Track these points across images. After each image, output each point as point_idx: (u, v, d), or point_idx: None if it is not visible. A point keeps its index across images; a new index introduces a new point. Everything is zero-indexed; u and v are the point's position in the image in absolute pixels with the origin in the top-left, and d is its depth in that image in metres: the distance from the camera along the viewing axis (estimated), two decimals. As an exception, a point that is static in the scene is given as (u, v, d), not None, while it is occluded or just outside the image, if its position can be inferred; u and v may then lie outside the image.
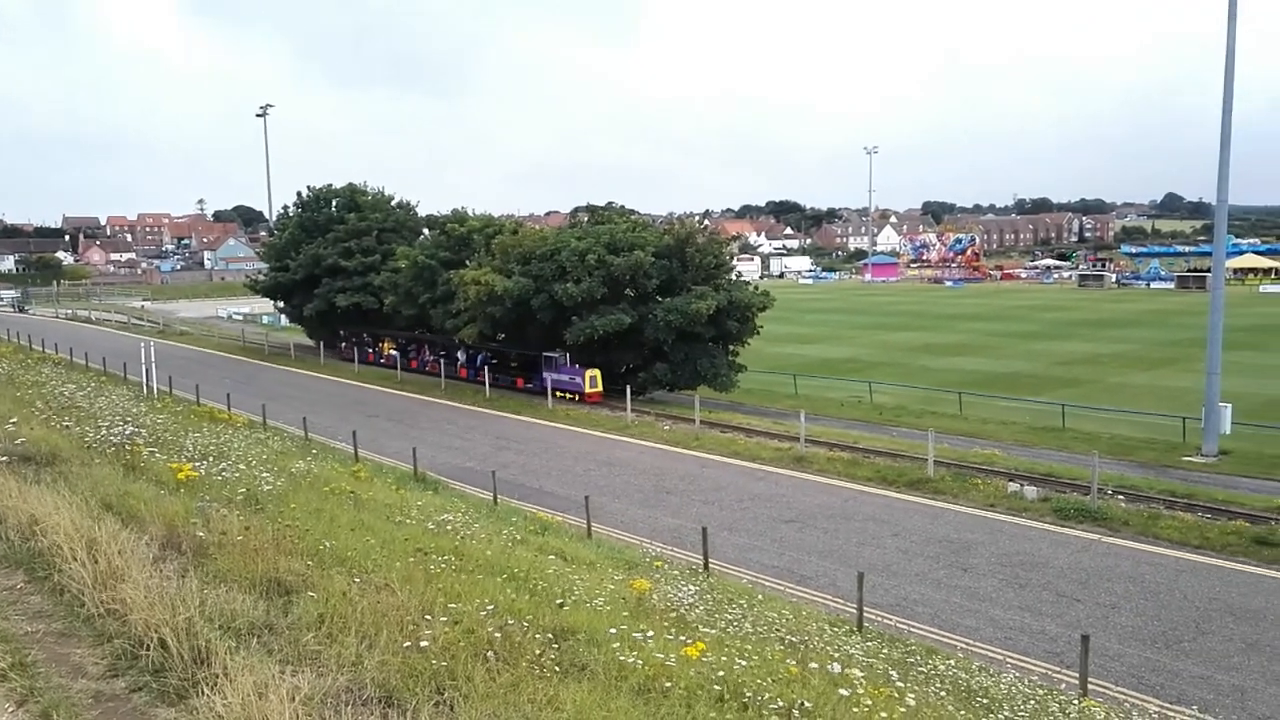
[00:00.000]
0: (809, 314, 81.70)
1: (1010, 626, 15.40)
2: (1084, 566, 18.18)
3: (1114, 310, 78.76)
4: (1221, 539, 19.28)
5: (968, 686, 10.77)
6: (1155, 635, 14.95)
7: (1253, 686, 13.12)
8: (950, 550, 19.22)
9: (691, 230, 41.23)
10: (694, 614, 9.48)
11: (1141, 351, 52.27)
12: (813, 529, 20.94)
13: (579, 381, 38.78)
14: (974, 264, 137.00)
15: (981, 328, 67.16)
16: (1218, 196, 29.14)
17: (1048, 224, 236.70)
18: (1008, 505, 22.31)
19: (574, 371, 39.29)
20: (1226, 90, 27.51)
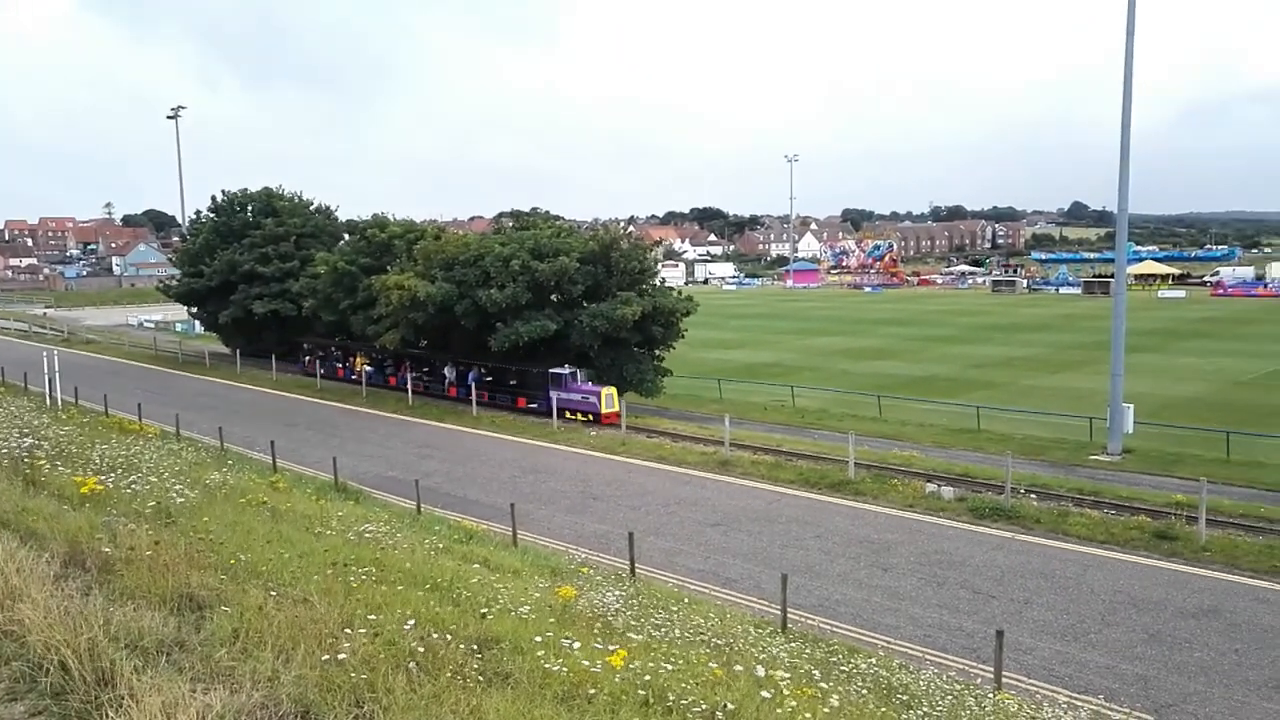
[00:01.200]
0: (733, 319, 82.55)
1: (929, 624, 15.77)
2: (999, 564, 18.73)
3: (1025, 315, 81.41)
4: (1125, 534, 20.08)
5: (888, 684, 10.97)
6: (1065, 628, 15.48)
7: (1154, 675, 13.68)
8: (871, 550, 19.61)
9: (616, 236, 41.29)
10: (620, 620, 9.48)
11: (1051, 355, 54.11)
12: (738, 532, 21.14)
13: (593, 401, 34.48)
14: (892, 270, 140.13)
15: (900, 332, 68.70)
16: (1119, 206, 30.37)
17: (962, 231, 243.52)
18: (926, 505, 22.86)
19: (587, 390, 35.14)
20: (1125, 108, 28.70)
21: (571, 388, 35.20)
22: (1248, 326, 66.83)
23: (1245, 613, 16.00)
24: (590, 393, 34.96)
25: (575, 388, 35.28)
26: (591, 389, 35.19)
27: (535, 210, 49.39)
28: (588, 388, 35.36)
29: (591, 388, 35.37)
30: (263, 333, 52.72)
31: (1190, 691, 13.17)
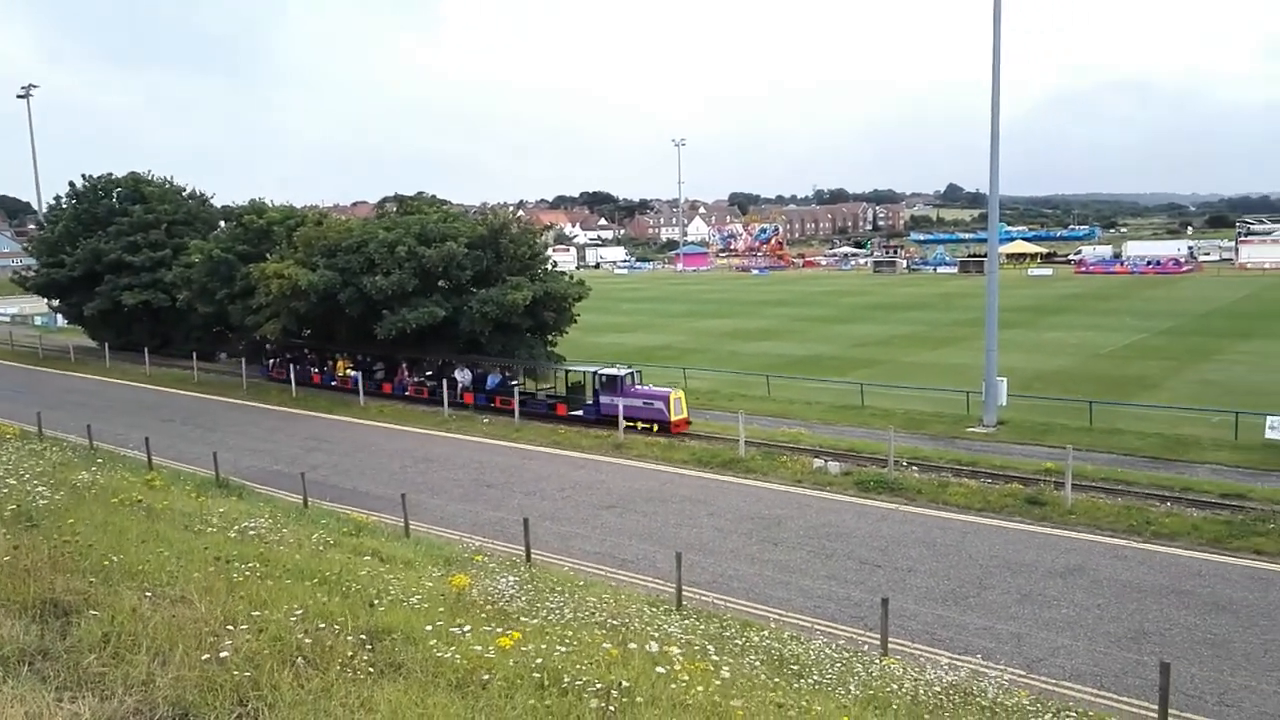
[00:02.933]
0: (625, 303, 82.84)
1: (819, 595, 16.25)
2: (883, 534, 19.43)
3: (905, 294, 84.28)
4: (1000, 501, 21.11)
5: (780, 655, 11.27)
6: (946, 593, 16.19)
7: (1027, 633, 14.45)
8: (762, 526, 20.06)
9: (505, 220, 40.83)
10: (515, 605, 9.44)
11: (929, 332, 56.20)
12: (632, 513, 21.31)
13: (659, 407, 29.87)
14: (779, 253, 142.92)
15: (787, 313, 70.19)
16: (990, 189, 31.73)
17: (845, 214, 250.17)
18: (814, 480, 23.50)
19: (650, 394, 30.65)
20: (994, 100, 29.94)
21: (629, 392, 30.64)
22: (1107, 301, 70.85)
23: (1107, 570, 17.05)
24: (655, 397, 30.41)
25: (634, 391, 30.75)
26: (656, 392, 30.88)
27: (421, 195, 48.11)
28: (651, 391, 31.01)
29: (655, 390, 31.09)
30: (133, 325, 50.12)
31: (1058, 646, 13.97)
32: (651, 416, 29.90)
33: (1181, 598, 15.71)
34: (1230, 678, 12.85)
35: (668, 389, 31.08)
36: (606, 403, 30.74)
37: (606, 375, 31.41)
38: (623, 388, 30.57)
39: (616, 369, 31.71)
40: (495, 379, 35.15)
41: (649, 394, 30.53)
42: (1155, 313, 61.83)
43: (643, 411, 30.05)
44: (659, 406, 29.88)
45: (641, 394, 30.55)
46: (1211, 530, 18.71)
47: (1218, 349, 45.40)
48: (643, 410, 30.06)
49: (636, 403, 30.18)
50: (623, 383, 30.75)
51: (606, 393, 30.98)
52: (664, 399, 29.97)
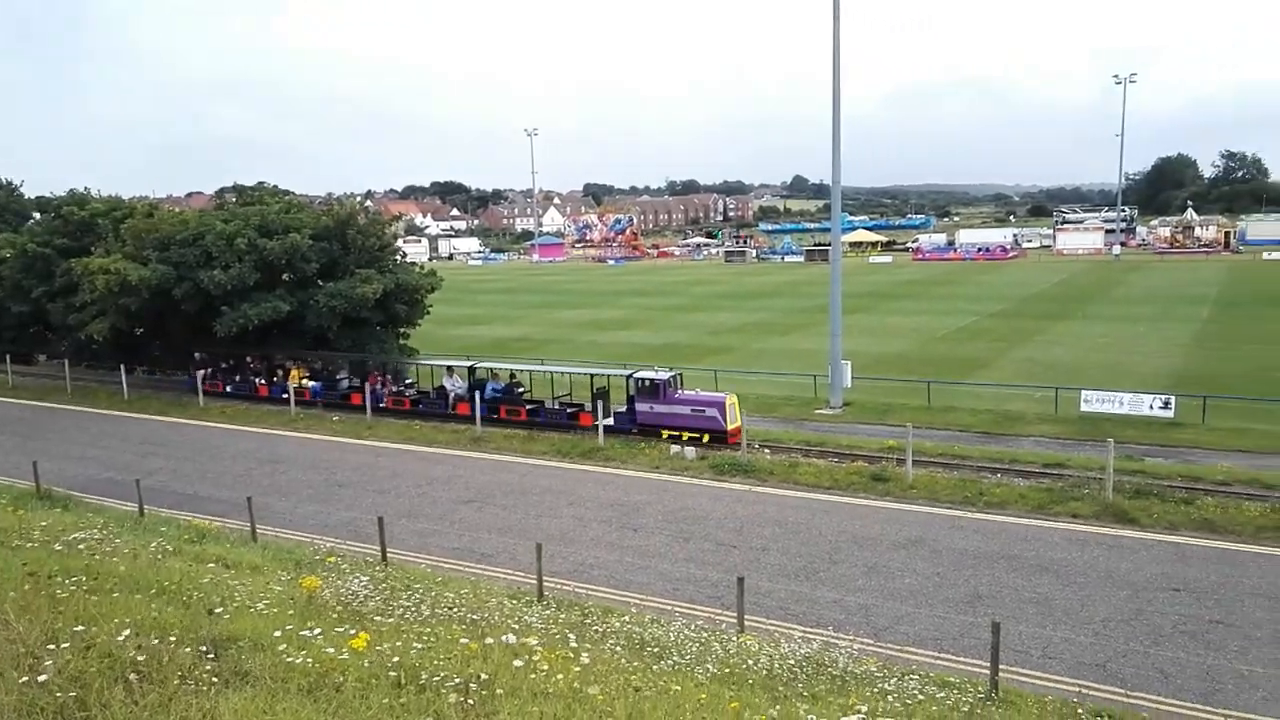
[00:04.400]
0: (480, 295, 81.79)
1: (678, 578, 16.55)
2: (739, 515, 19.96)
3: (755, 283, 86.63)
4: (847, 479, 22.04)
5: (641, 639, 11.43)
6: (798, 570, 16.79)
7: (874, 603, 15.17)
8: (622, 513, 20.26)
9: (352, 211, 39.60)
10: (369, 605, 9.21)
11: (779, 319, 57.99)
12: (492, 506, 21.11)
13: (714, 415, 25.83)
14: (633, 243, 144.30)
15: (642, 303, 70.95)
16: (833, 181, 32.97)
17: (696, 204, 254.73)
18: (671, 466, 23.91)
19: (701, 400, 26.58)
20: (835, 93, 31.12)
21: (673, 398, 26.73)
22: (942, 287, 74.92)
23: (945, 539, 18.09)
24: (707, 403, 26.36)
25: (680, 398, 26.81)
26: (709, 398, 26.82)
27: (262, 185, 45.89)
28: (702, 396, 27.01)
29: (708, 396, 27.12)
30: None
31: (902, 614, 14.73)
32: (703, 426, 25.99)
33: (1011, 562, 16.84)
34: (1053, 632, 13.88)
35: (722, 394, 27.19)
36: (645, 411, 26.83)
37: (645, 379, 27.10)
38: (665, 393, 26.68)
39: (657, 371, 27.73)
40: (497, 387, 30.51)
41: (700, 400, 26.65)
42: (985, 297, 65.81)
43: (691, 420, 26.20)
44: (712, 414, 25.93)
45: (690, 400, 26.68)
46: (1036, 498, 20.12)
47: (1039, 330, 48.76)
48: (691, 419, 26.21)
49: (684, 410, 26.38)
50: (665, 388, 26.74)
51: (646, 399, 26.90)
52: (718, 405, 26.02)
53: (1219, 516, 18.47)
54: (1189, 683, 12.35)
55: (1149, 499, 19.58)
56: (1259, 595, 15.00)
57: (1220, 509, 18.84)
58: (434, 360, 35.17)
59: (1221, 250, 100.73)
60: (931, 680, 11.19)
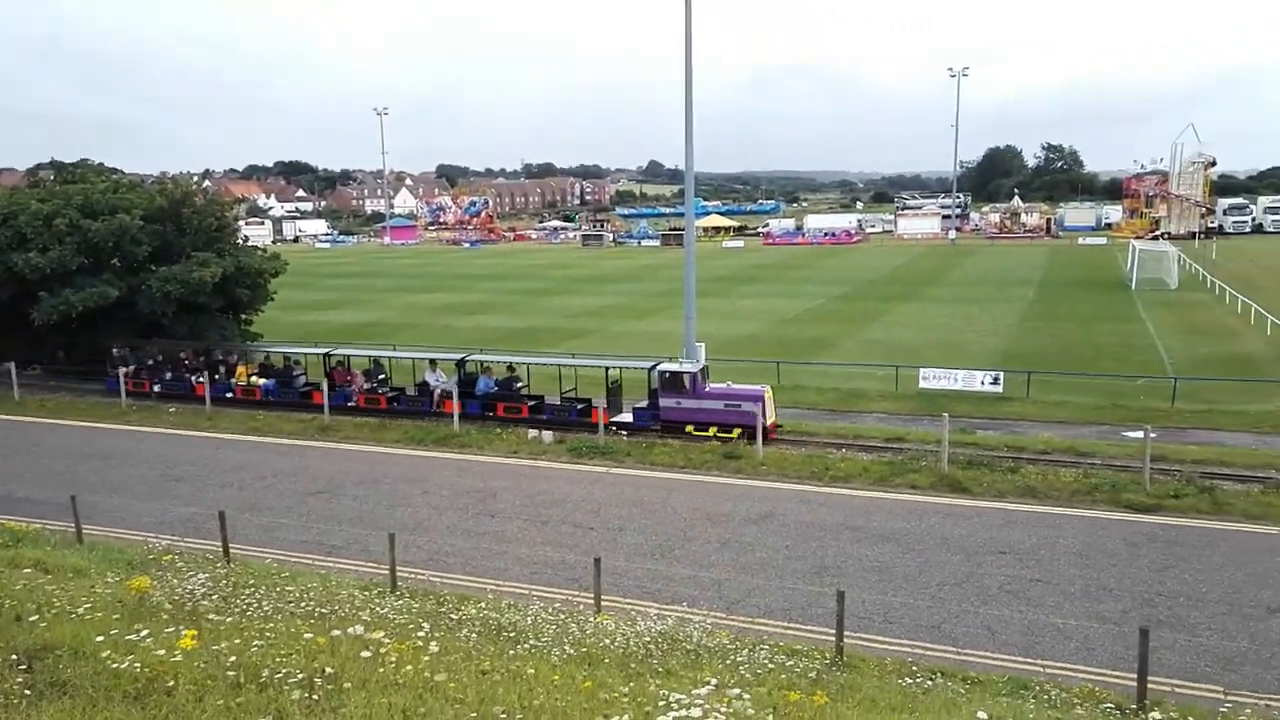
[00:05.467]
0: (329, 279, 79.00)
1: (535, 562, 16.54)
2: (596, 497, 20.10)
3: (613, 266, 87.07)
4: (701, 458, 22.52)
5: (498, 624, 11.37)
6: (654, 548, 17.07)
7: (726, 578, 15.59)
8: (478, 499, 20.06)
9: (188, 191, 37.47)
10: (206, 604, 8.78)
11: (636, 302, 58.52)
12: (342, 497, 20.50)
13: (750, 409, 23.80)
14: (489, 226, 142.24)
15: (500, 286, 70.18)
16: (686, 167, 33.43)
17: (553, 188, 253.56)
18: (529, 450, 23.82)
19: (735, 394, 24.80)
20: (687, 81, 31.52)
21: (703, 392, 24.96)
22: (791, 271, 77.34)
23: (794, 513, 18.77)
24: (743, 397, 24.49)
25: (711, 392, 25.10)
26: (744, 391, 24.92)
27: (85, 162, 42.75)
28: (736, 390, 25.12)
29: (743, 389, 25.12)
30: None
31: (754, 587, 15.20)
32: (737, 421, 24.10)
33: (855, 532, 17.64)
34: (893, 598, 14.64)
35: (760, 387, 25.29)
36: (671, 406, 24.99)
37: (670, 372, 25.24)
38: (695, 387, 24.92)
39: (683, 363, 25.97)
40: (489, 382, 27.76)
41: (734, 394, 24.83)
42: (831, 280, 68.36)
43: (725, 416, 24.42)
44: (749, 409, 23.85)
45: (722, 394, 24.94)
46: (878, 471, 21.13)
47: (881, 311, 51.07)
48: (725, 414, 24.43)
49: (716, 405, 24.65)
50: (694, 381, 24.94)
51: (672, 394, 25.06)
52: (756, 399, 24.15)
53: (1040, 483, 19.89)
54: (1012, 638, 13.28)
55: (980, 469, 20.88)
56: (1073, 554, 16.25)
57: (1041, 476, 20.30)
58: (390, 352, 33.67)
59: (1044, 235, 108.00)
60: (781, 649, 11.62)
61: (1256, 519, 17.69)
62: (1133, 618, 13.36)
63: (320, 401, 28.21)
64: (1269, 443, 23.98)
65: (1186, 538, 16.97)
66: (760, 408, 23.88)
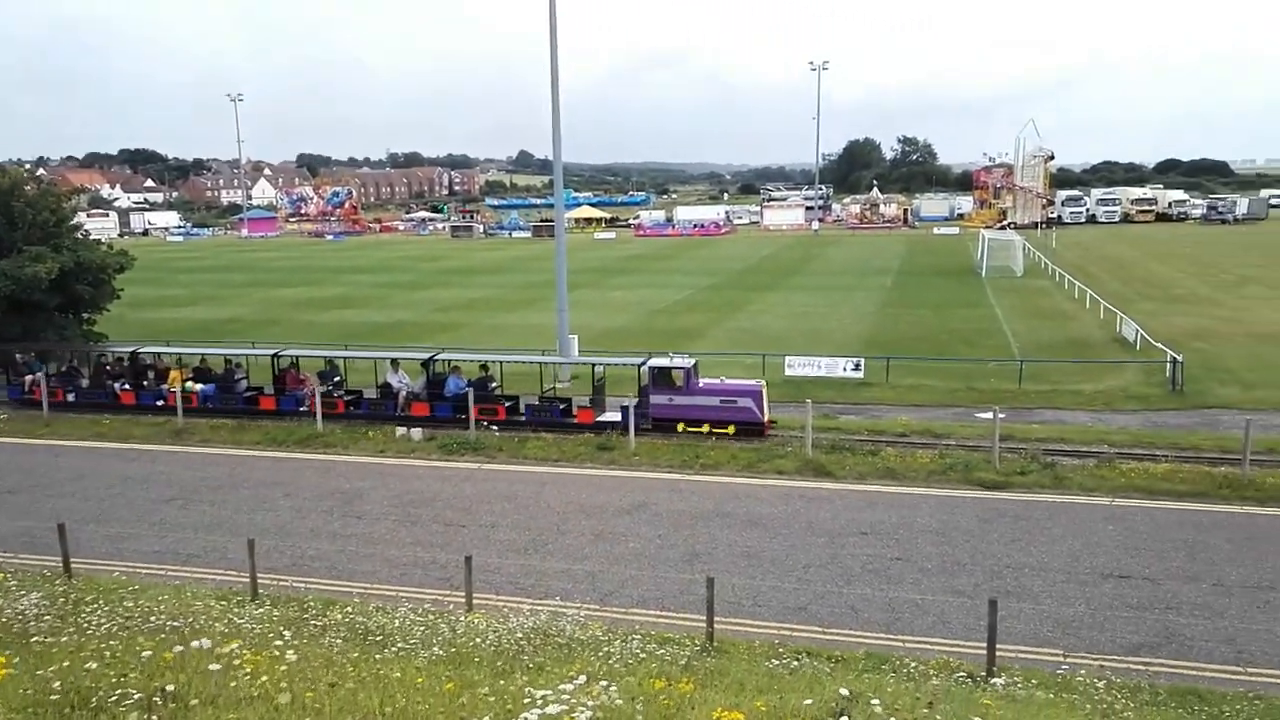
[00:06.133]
0: (182, 274, 75.12)
1: (404, 563, 16.18)
2: (467, 494, 19.81)
3: (483, 258, 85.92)
4: (574, 451, 22.50)
5: (365, 628, 11.09)
6: (527, 543, 16.96)
7: (600, 570, 15.64)
8: (344, 501, 19.47)
9: (18, 180, 34.80)
10: (38, 626, 8.20)
11: (508, 295, 57.91)
12: (199, 503, 19.54)
13: (747, 405, 23.65)
14: (354, 217, 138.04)
15: (365, 280, 68.25)
16: (554, 157, 33.29)
17: (420, 178, 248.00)
18: (398, 449, 23.26)
19: (732, 389, 24.23)
20: (553, 72, 31.37)
21: (697, 388, 24.20)
22: (662, 262, 78.11)
23: (666, 502, 18.98)
24: (739, 393, 24.00)
25: (705, 388, 24.32)
26: (740, 386, 24.41)
27: (-105, 148, 39.12)
28: (731, 386, 24.53)
29: (739, 385, 24.59)
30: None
31: (627, 577, 15.30)
32: (733, 418, 23.77)
33: (725, 519, 17.97)
34: (762, 582, 15.00)
35: (757, 382, 25.08)
36: (663, 404, 24.14)
37: (663, 368, 24.39)
38: (689, 383, 24.19)
39: (673, 359, 24.93)
40: (460, 383, 25.83)
41: (730, 389, 24.27)
42: (701, 271, 69.37)
43: (719, 412, 23.90)
44: (746, 405, 23.71)
45: (717, 390, 24.29)
46: (746, 458, 21.59)
47: (749, 301, 52.16)
48: (720, 411, 23.89)
49: (710, 401, 23.97)
50: (688, 376, 24.22)
51: (663, 391, 24.24)
52: (754, 395, 23.87)
53: (899, 465, 20.74)
54: (875, 615, 13.81)
55: (842, 453, 21.61)
56: (930, 532, 17.03)
57: (900, 458, 21.17)
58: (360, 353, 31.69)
59: (901, 225, 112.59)
60: (653, 638, 11.73)
61: (1091, 491, 18.96)
62: (984, 590, 14.08)
63: (268, 407, 26.65)
64: (1103, 419, 25.75)
65: (1031, 512, 18.03)
66: (756, 402, 23.74)
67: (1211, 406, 26.64)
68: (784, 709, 7.11)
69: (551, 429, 24.53)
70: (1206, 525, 17.05)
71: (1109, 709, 9.36)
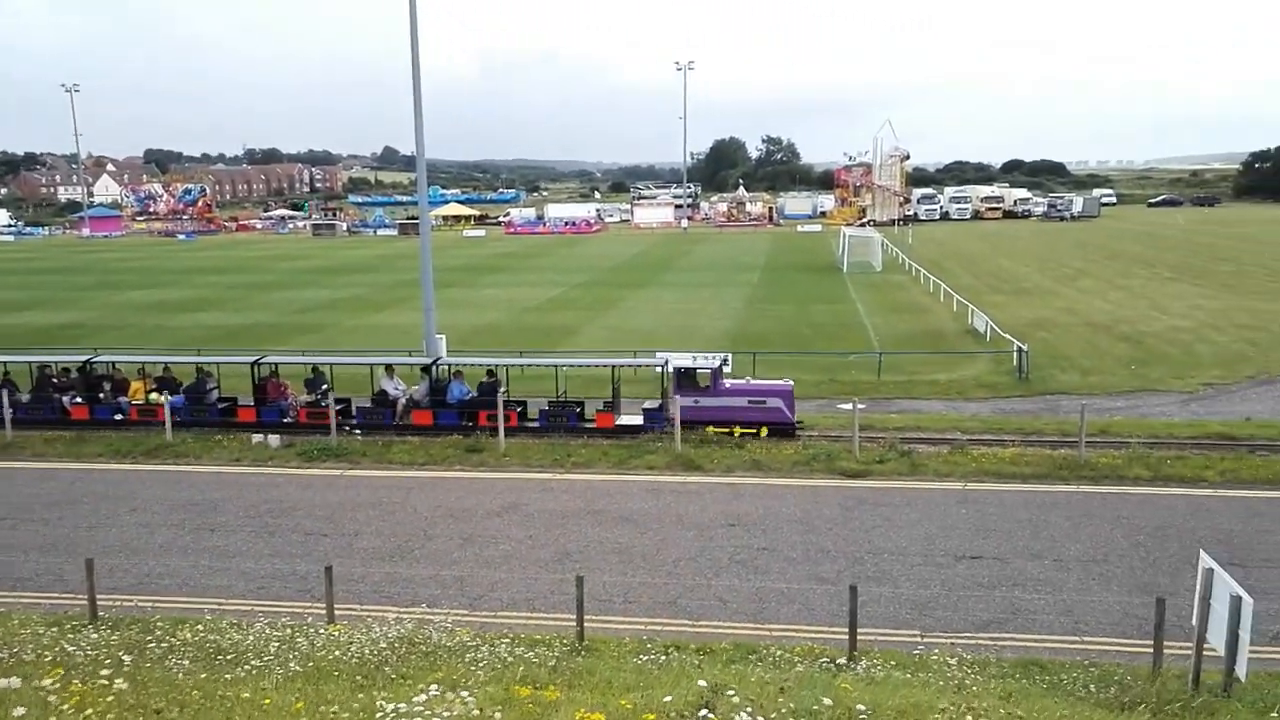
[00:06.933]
0: (12, 275, 70.11)
1: (262, 576, 15.47)
2: (330, 502, 19.12)
3: (347, 257, 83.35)
4: (442, 454, 22.04)
5: (217, 646, 10.53)
6: (393, 550, 16.49)
7: (469, 574, 15.34)
8: (196, 514, 18.48)
9: None
10: None
11: (373, 294, 56.33)
12: (30, 522, 18.20)
13: (778, 405, 22.86)
14: (207, 215, 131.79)
15: (221, 281, 65.22)
16: (417, 152, 32.48)
17: (279, 175, 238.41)
18: (253, 457, 22.27)
19: (761, 390, 23.45)
20: (414, 65, 30.59)
21: (723, 389, 23.31)
22: (533, 260, 77.59)
23: (537, 503, 18.80)
24: (770, 393, 23.22)
25: (733, 389, 23.49)
26: (770, 387, 23.63)
27: None
28: (759, 386, 23.85)
29: (767, 385, 23.84)
30: None
31: (497, 580, 15.07)
32: (764, 419, 22.89)
33: (596, 517, 17.94)
34: (633, 578, 15.04)
35: (786, 381, 24.13)
36: (689, 405, 22.75)
37: (685, 368, 23.36)
38: (715, 384, 23.25)
39: (697, 358, 24.08)
40: (464, 389, 24.57)
41: (758, 390, 23.54)
42: (572, 268, 69.27)
43: (748, 414, 23.00)
44: (776, 405, 22.92)
45: (745, 390, 23.50)
46: (617, 455, 21.62)
47: (620, 298, 52.39)
48: (749, 411, 23.02)
49: (738, 402, 23.08)
50: (715, 377, 23.26)
51: (689, 392, 23.11)
52: (784, 395, 23.10)
53: (764, 457, 21.17)
54: (743, 606, 14.04)
55: (710, 447, 21.91)
56: (795, 521, 17.45)
57: (765, 450, 21.61)
58: None
59: (767, 223, 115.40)
60: (522, 641, 11.59)
61: (945, 476, 19.84)
62: (846, 576, 14.50)
63: (248, 419, 24.63)
64: (956, 408, 27.01)
65: (890, 499, 18.72)
66: (786, 402, 23.13)
67: (1053, 392, 28.33)
68: (648, 705, 7.12)
69: (569, 435, 23.33)
70: (1048, 505, 18.08)
71: (960, 684, 9.77)
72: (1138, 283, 51.97)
